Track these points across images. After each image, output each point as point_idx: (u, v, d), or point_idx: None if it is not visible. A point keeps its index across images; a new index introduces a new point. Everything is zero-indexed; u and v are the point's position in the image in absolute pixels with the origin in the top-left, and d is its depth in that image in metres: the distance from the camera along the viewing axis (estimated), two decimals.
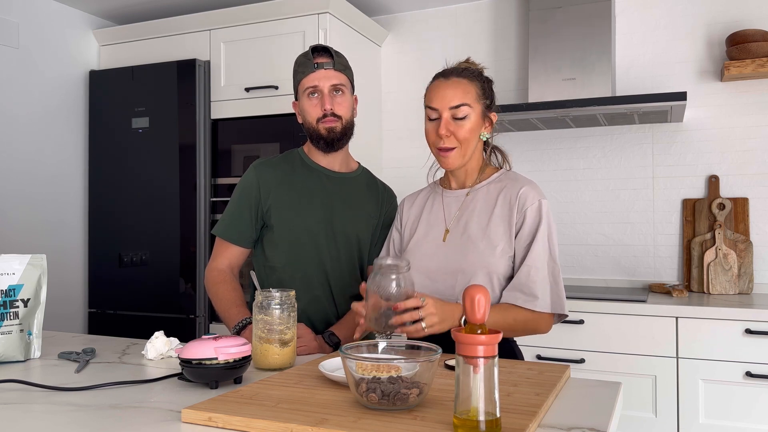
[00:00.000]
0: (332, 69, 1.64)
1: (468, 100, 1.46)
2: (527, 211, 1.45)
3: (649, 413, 2.30)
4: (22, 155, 2.97)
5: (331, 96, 1.64)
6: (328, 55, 1.66)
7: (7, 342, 1.38)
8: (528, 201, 1.46)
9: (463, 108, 1.45)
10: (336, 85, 1.65)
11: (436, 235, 1.52)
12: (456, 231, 1.50)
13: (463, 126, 1.46)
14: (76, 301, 3.23)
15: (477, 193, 1.53)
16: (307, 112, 1.66)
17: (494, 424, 0.83)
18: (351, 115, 1.70)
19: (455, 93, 1.46)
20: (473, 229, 1.48)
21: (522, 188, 1.48)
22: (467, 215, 1.51)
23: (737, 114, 2.71)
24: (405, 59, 3.31)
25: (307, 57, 1.66)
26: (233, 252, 1.70)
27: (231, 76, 2.99)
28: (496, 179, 1.54)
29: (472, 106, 1.46)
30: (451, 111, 1.45)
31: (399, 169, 3.27)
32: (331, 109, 1.63)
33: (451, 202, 1.56)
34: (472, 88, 1.47)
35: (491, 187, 1.53)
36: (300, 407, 0.96)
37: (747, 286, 2.59)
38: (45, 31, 3.09)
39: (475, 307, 0.85)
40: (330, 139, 1.65)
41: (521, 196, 1.47)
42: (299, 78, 1.67)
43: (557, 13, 2.78)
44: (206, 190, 3.00)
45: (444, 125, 1.46)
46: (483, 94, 1.49)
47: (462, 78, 1.48)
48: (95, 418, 0.98)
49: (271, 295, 1.30)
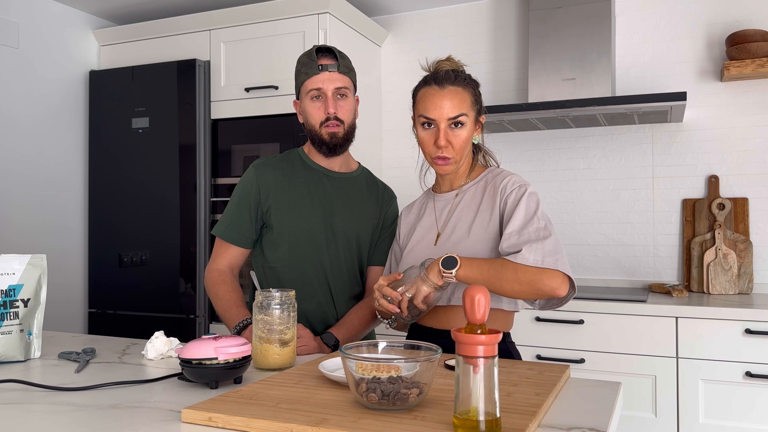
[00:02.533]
0: (336, 72, 1.63)
1: (465, 109, 1.45)
2: (510, 195, 1.44)
3: (649, 413, 2.30)
4: (22, 155, 2.97)
5: (334, 99, 1.63)
6: (332, 57, 1.64)
7: (7, 342, 1.39)
8: (509, 186, 1.45)
9: (461, 117, 1.45)
10: (340, 88, 1.63)
11: (429, 240, 1.53)
12: (446, 233, 1.51)
13: (459, 135, 1.45)
14: (76, 301, 3.23)
15: (465, 193, 1.54)
16: (310, 114, 1.65)
17: (494, 424, 0.83)
18: (353, 119, 1.69)
19: (453, 104, 1.44)
20: (460, 228, 1.48)
21: (505, 178, 1.48)
22: (456, 216, 1.51)
23: (737, 114, 2.71)
24: (405, 59, 3.31)
25: (311, 57, 1.64)
26: (233, 252, 1.70)
27: (231, 76, 2.99)
28: (482, 178, 1.54)
29: (468, 115, 1.46)
30: (449, 121, 1.45)
31: (399, 169, 3.27)
32: (334, 113, 1.62)
33: (441, 206, 1.56)
34: (468, 96, 1.47)
35: (478, 186, 1.53)
36: (300, 407, 0.96)
37: (747, 286, 2.59)
38: (45, 32, 3.09)
39: (475, 307, 0.85)
40: (333, 144, 1.65)
41: (504, 184, 1.46)
42: (302, 79, 1.65)
43: (557, 13, 2.78)
44: (206, 190, 3.00)
45: (443, 136, 1.44)
46: (476, 101, 1.49)
47: (457, 86, 1.46)
48: (95, 418, 0.98)
49: (271, 295, 1.30)
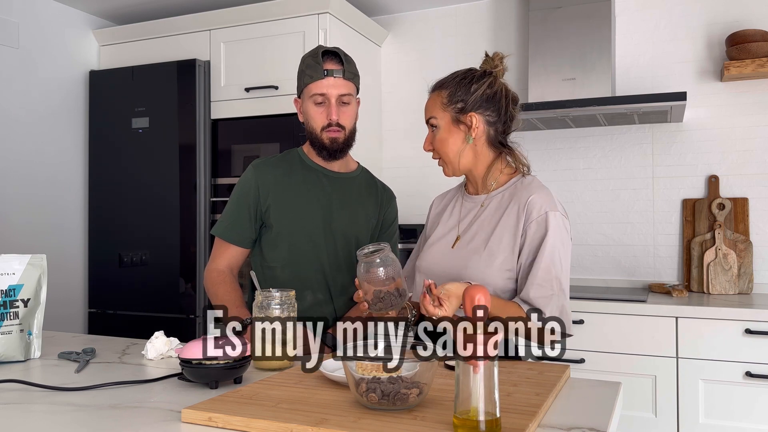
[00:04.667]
0: (342, 78, 1.61)
1: (434, 112, 1.47)
2: (532, 223, 1.39)
3: (649, 413, 2.30)
4: (22, 155, 2.97)
5: (338, 106, 1.63)
6: (338, 62, 1.63)
7: (7, 342, 1.38)
8: (534, 212, 1.39)
9: (432, 120, 1.48)
10: (344, 95, 1.62)
11: (448, 240, 1.52)
12: (465, 239, 1.49)
13: (436, 137, 1.48)
14: (76, 301, 3.23)
15: (492, 200, 1.49)
16: (312, 117, 1.65)
17: (494, 424, 0.83)
18: (354, 124, 1.69)
19: (427, 107, 1.49)
20: (478, 238, 1.46)
21: (531, 197, 1.41)
22: (478, 224, 1.48)
23: (737, 114, 2.71)
24: (405, 59, 3.31)
25: (316, 60, 1.62)
26: (232, 252, 1.70)
27: (231, 76, 2.99)
28: (510, 186, 1.48)
29: (438, 117, 1.46)
30: (428, 123, 1.49)
31: (399, 169, 3.27)
32: (336, 120, 1.62)
33: (468, 208, 1.53)
34: (439, 97, 1.47)
35: (505, 195, 1.47)
36: (300, 407, 0.96)
37: (747, 286, 2.59)
38: (45, 31, 3.08)
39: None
40: (333, 149, 1.65)
41: (528, 206, 1.40)
42: (306, 81, 1.63)
43: (557, 13, 2.78)
44: (206, 190, 3.00)
45: (426, 139, 1.50)
46: (450, 100, 1.45)
47: (439, 89, 1.48)
48: (95, 418, 0.98)
49: (271, 295, 1.30)
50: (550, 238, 1.36)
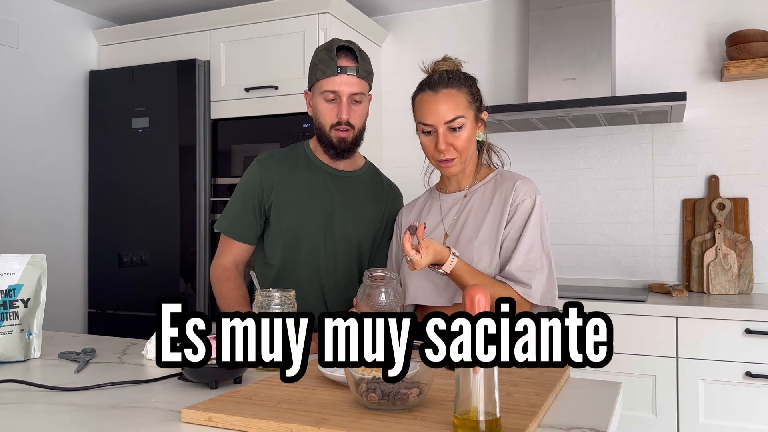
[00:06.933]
0: (355, 76, 1.57)
1: (461, 111, 1.44)
2: (519, 204, 1.45)
3: (649, 413, 2.30)
4: (22, 155, 2.97)
5: (349, 105, 1.59)
6: (353, 58, 1.58)
7: (7, 342, 1.38)
8: (521, 195, 1.46)
9: (458, 120, 1.44)
10: (356, 94, 1.59)
11: (435, 239, 1.52)
12: (454, 234, 1.51)
13: (460, 136, 1.45)
14: (76, 301, 3.23)
15: (474, 194, 1.53)
16: (322, 114, 1.61)
17: (494, 424, 0.83)
18: (364, 122, 1.66)
19: (448, 107, 1.43)
20: (468, 232, 1.48)
21: (516, 182, 1.49)
22: (464, 218, 1.51)
23: (737, 114, 2.71)
24: (405, 59, 3.31)
25: (330, 55, 1.57)
26: (238, 249, 1.69)
27: (231, 76, 2.99)
28: (491, 179, 1.54)
29: (466, 116, 1.45)
30: (446, 125, 1.44)
31: (399, 169, 3.27)
32: (347, 119, 1.59)
33: (448, 206, 1.55)
34: (462, 96, 1.45)
35: (487, 188, 1.52)
36: (300, 407, 0.96)
37: (747, 286, 2.59)
38: (45, 32, 3.09)
39: (475, 307, 0.85)
40: (341, 148, 1.63)
41: (515, 190, 1.47)
42: (318, 76, 1.59)
43: (557, 13, 2.78)
44: (206, 190, 3.00)
45: (442, 140, 1.44)
46: (473, 99, 1.47)
47: (451, 88, 1.45)
48: (95, 418, 0.98)
49: (271, 295, 1.30)
50: (536, 217, 1.44)
